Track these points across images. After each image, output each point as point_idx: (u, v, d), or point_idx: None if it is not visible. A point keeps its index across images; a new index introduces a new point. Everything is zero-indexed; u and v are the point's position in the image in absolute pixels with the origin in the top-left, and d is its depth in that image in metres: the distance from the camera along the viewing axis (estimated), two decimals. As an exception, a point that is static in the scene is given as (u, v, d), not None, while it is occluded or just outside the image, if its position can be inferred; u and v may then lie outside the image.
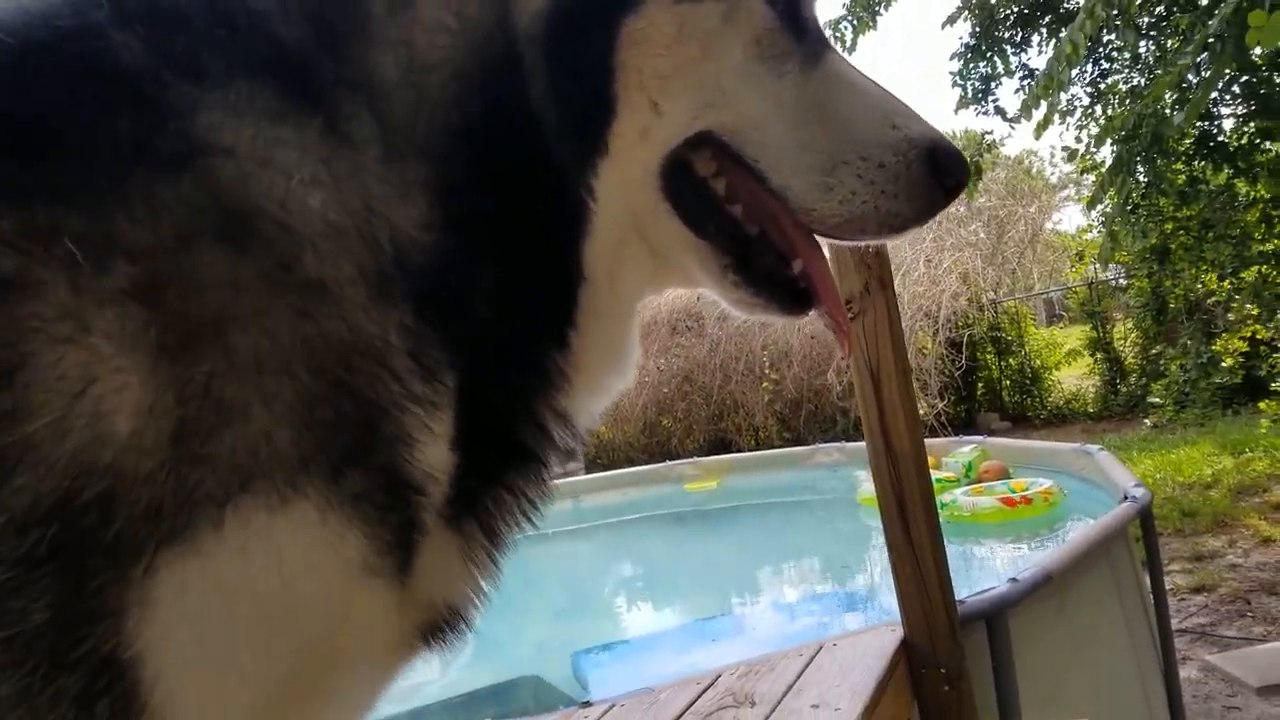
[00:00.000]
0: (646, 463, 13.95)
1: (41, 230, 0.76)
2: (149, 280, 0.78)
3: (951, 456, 7.43)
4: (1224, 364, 11.61)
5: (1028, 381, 14.92)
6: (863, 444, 3.26)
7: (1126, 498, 4.40)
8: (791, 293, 1.20)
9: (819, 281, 1.20)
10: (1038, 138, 8.27)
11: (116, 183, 0.80)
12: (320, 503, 0.82)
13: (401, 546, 0.89)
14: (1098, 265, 14.41)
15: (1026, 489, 6.20)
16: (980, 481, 6.98)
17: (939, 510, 3.22)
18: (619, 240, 1.13)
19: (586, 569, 8.36)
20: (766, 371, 14.32)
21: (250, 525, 0.78)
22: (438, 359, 0.93)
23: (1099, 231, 13.28)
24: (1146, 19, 9.84)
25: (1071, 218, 44.03)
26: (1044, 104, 7.90)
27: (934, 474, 6.98)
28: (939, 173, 1.18)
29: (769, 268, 1.19)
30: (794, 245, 1.19)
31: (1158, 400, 12.43)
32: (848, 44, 9.90)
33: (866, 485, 5.82)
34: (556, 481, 1.20)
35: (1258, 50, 6.86)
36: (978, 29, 10.79)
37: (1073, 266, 16.26)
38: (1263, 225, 10.21)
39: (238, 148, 0.85)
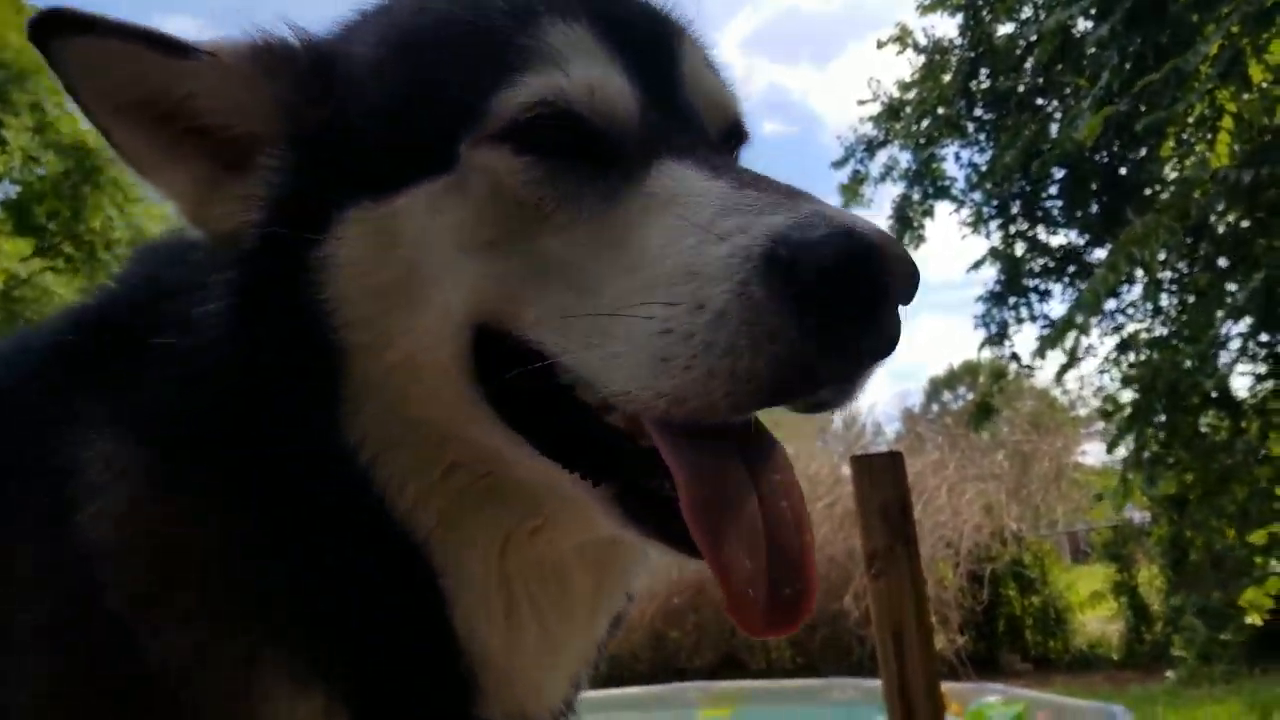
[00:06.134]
0: (650, 676, 13.44)
1: None
2: None
3: (990, 708, 7.13)
4: (1247, 620, 11.29)
5: (1051, 622, 14.48)
6: (879, 681, 3.25)
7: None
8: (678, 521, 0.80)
9: (689, 502, 0.78)
10: (1058, 381, 8.48)
11: None
12: None
13: None
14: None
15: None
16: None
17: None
18: (454, 498, 0.93)
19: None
20: (783, 590, 14.02)
21: None
22: (298, 689, 0.89)
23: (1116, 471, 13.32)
24: (1169, 274, 10.32)
25: (1098, 453, 43.72)
26: (1059, 349, 8.10)
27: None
28: (793, 285, 0.71)
29: (652, 490, 0.84)
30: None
31: (1180, 653, 12.01)
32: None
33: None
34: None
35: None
36: (1003, 276, 11.37)
37: (1093, 506, 16.14)
38: (1278, 484, 10.21)
39: None
